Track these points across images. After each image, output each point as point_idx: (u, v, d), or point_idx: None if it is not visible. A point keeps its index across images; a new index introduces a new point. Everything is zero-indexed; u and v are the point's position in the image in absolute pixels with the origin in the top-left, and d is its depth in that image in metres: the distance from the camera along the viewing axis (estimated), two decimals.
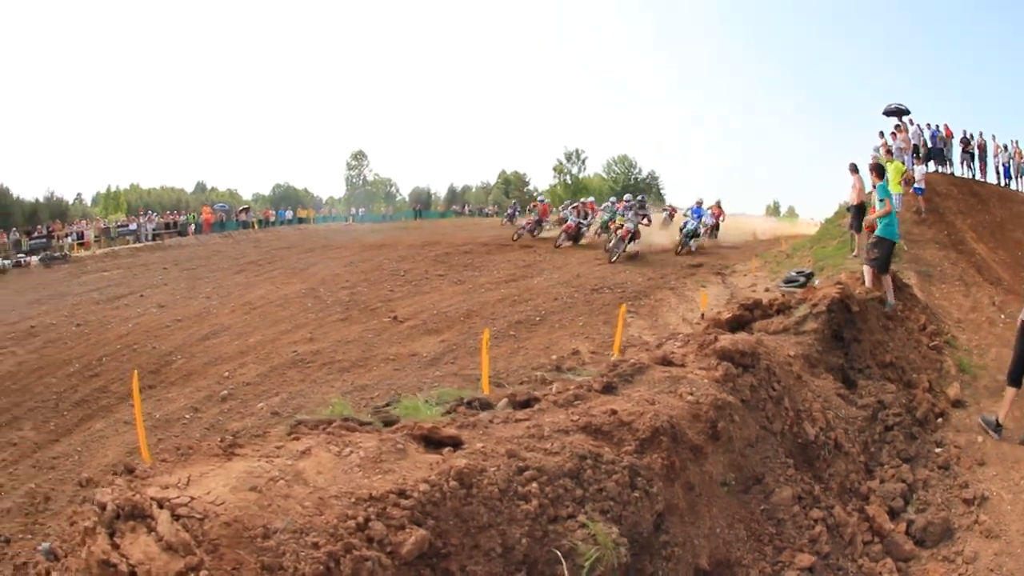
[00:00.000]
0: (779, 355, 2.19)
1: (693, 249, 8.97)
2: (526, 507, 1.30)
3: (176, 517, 1.49)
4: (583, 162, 20.26)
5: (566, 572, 1.28)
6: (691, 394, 1.71)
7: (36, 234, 13.88)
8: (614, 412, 1.50)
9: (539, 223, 10.75)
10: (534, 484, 1.33)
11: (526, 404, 1.63)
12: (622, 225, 8.30)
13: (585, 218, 10.68)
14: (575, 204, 11.89)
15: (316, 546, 1.19)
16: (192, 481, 1.54)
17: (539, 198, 12.62)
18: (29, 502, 2.76)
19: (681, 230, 9.24)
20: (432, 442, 1.39)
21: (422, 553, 1.23)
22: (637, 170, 20.39)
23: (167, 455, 1.73)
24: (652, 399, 1.62)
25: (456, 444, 1.39)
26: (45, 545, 2.57)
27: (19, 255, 12.27)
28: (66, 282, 8.85)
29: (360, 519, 1.23)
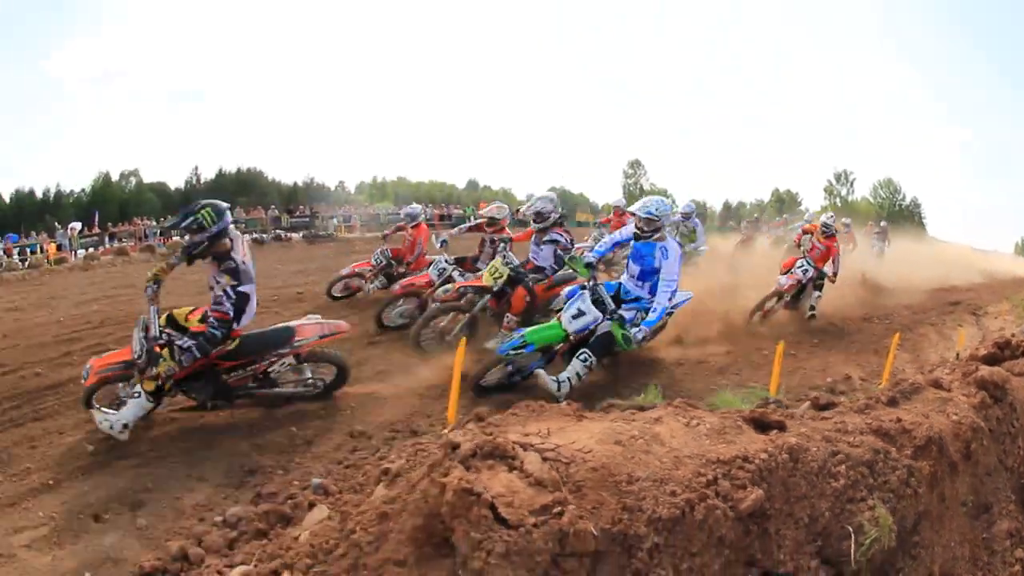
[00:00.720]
0: (1020, 394, 3.11)
1: None
2: (835, 484, 2.13)
3: (543, 459, 2.39)
4: (851, 184, 24.98)
5: (853, 546, 2.30)
6: (955, 414, 2.63)
7: (298, 213, 18.91)
8: (899, 420, 2.39)
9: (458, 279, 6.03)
10: (843, 466, 2.16)
11: (825, 407, 2.76)
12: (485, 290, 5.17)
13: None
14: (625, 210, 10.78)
15: (674, 494, 2.15)
16: (552, 433, 2.43)
17: (408, 212, 7.85)
18: (288, 442, 3.89)
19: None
20: (761, 425, 2.45)
21: (753, 511, 2.39)
22: (901, 196, 24.36)
23: (518, 410, 2.62)
24: (926, 414, 2.54)
25: (781, 428, 2.49)
26: (316, 480, 3.52)
27: (277, 231, 16.55)
28: (334, 258, 11.31)
29: (710, 476, 2.29)
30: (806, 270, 7.36)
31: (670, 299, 4.58)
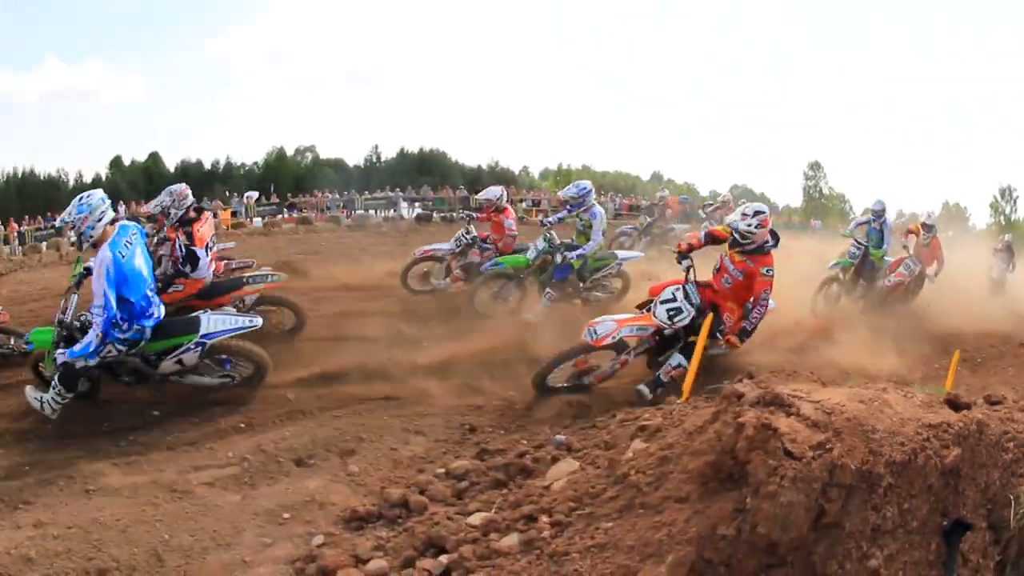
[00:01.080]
0: None
1: None
2: (1005, 457, 3.20)
3: (814, 408, 3.47)
4: (1015, 201, 28.52)
5: (1012, 513, 3.68)
6: None
7: None
8: None
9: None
10: (1011, 443, 3.29)
11: (995, 403, 4.06)
12: None
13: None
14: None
15: (903, 444, 3.42)
16: (810, 392, 3.54)
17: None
18: (507, 407, 5.02)
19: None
20: (953, 405, 3.74)
21: (952, 468, 3.51)
22: None
23: (772, 374, 3.67)
24: None
25: (968, 408, 3.74)
26: (559, 438, 4.34)
27: (466, 211, 21.23)
28: (523, 237, 13.68)
29: (925, 435, 3.48)
30: (675, 311, 4.83)
31: (104, 340, 4.58)
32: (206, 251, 6.12)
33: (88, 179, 30.03)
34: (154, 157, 31.93)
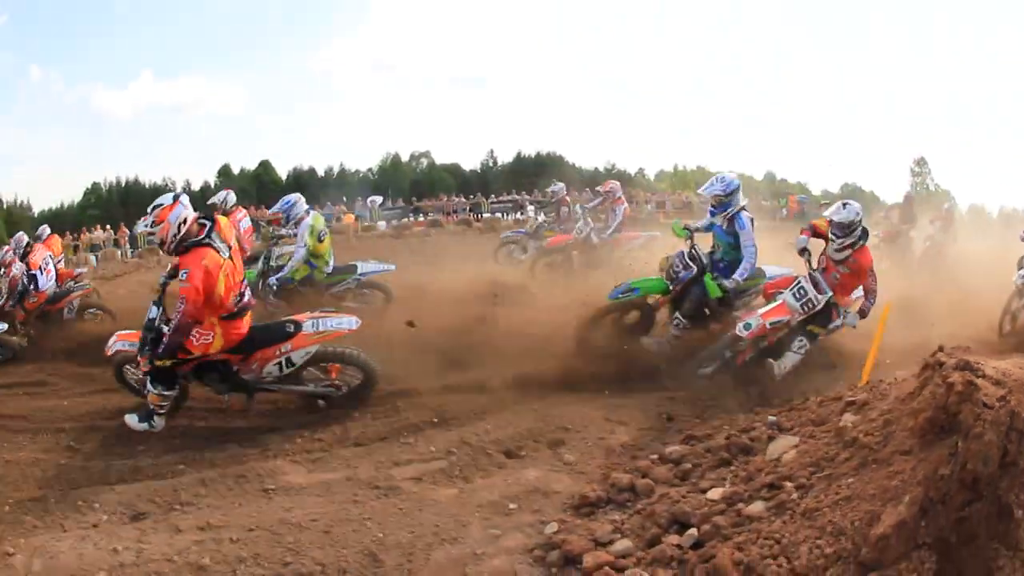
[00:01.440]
0: None
1: None
2: None
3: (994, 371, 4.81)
4: None
5: None
6: None
7: None
8: None
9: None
10: None
11: None
12: None
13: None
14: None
15: None
16: (984, 364, 4.88)
17: None
18: (695, 396, 5.56)
19: None
20: None
21: None
22: None
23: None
24: None
25: None
26: (772, 418, 5.08)
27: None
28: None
29: None
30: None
31: None
32: (40, 271, 9.79)
33: (196, 187, 32.42)
34: (264, 165, 34.82)
